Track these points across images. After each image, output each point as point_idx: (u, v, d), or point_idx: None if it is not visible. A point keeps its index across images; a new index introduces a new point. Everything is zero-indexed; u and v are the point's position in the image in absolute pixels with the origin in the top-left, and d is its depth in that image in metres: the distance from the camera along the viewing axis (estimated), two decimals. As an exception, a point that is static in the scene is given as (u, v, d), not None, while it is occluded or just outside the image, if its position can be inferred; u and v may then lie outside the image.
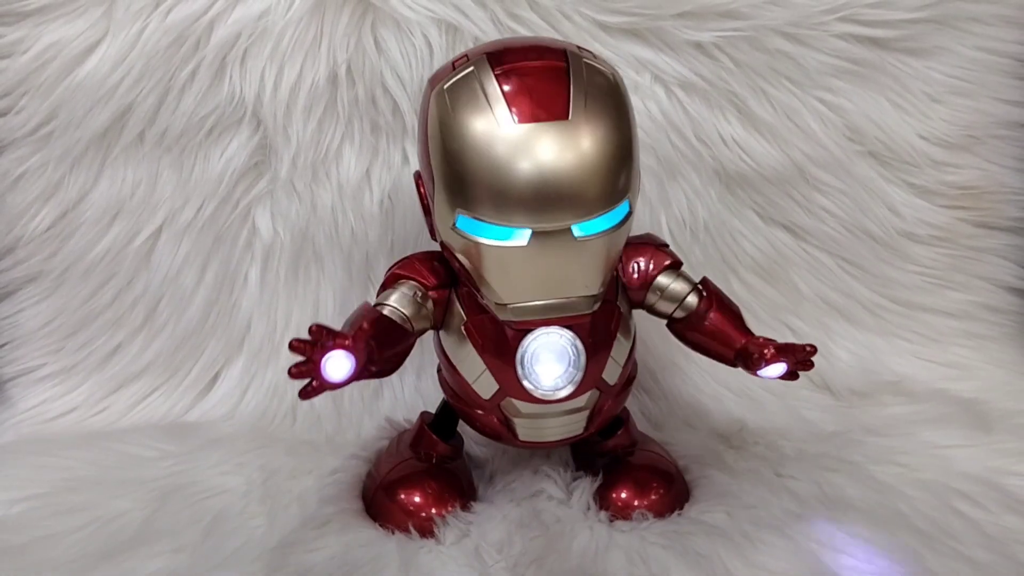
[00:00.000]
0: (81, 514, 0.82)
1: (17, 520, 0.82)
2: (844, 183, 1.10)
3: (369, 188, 1.04)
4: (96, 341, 1.06)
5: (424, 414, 0.90)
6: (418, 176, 0.77)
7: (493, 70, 0.69)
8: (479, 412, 0.81)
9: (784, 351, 0.76)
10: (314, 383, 0.64)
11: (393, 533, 0.80)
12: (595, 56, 0.73)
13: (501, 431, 0.81)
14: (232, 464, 0.92)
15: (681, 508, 0.84)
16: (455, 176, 0.69)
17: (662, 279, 0.81)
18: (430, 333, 0.82)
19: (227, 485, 0.88)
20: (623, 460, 0.87)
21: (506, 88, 0.68)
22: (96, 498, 0.85)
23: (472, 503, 0.84)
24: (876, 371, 1.10)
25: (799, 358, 0.76)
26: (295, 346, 0.63)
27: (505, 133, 0.67)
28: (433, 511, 0.81)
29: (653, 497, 0.83)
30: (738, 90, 1.06)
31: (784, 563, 0.74)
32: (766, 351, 0.76)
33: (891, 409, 1.03)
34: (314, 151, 1.02)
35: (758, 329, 0.81)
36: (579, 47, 0.73)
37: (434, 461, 0.86)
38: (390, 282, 0.79)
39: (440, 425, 0.88)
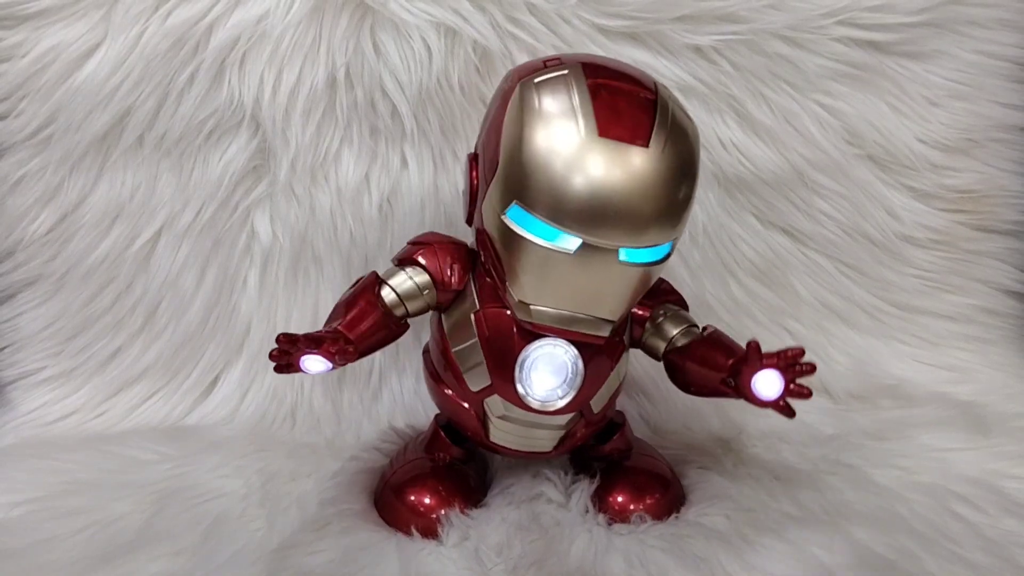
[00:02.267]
0: (81, 517, 0.82)
1: (17, 523, 0.82)
2: (843, 187, 1.10)
3: (368, 192, 1.04)
4: (96, 344, 1.06)
5: (438, 416, 0.90)
6: (472, 158, 0.77)
7: (587, 80, 0.70)
8: (458, 401, 0.81)
9: (778, 356, 0.70)
10: (291, 368, 0.71)
11: (408, 533, 0.81)
12: (678, 100, 0.73)
13: (474, 426, 0.82)
14: (231, 467, 0.92)
15: (678, 512, 0.84)
16: (523, 168, 0.69)
17: (659, 312, 0.81)
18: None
19: (226, 488, 0.88)
20: (619, 464, 0.87)
21: (596, 100, 0.69)
22: (96, 501, 0.85)
23: (479, 506, 0.84)
24: (875, 374, 1.10)
25: (791, 360, 0.69)
26: (281, 341, 0.69)
27: (584, 142, 0.67)
28: (442, 512, 0.81)
29: (649, 501, 0.84)
30: (737, 94, 1.06)
31: (783, 566, 0.74)
32: (767, 357, 0.69)
33: (890, 412, 1.03)
34: (313, 155, 1.02)
35: (757, 332, 0.81)
36: (665, 86, 0.73)
37: (446, 463, 0.87)
38: (404, 261, 0.81)
39: (454, 428, 0.88)
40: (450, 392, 0.82)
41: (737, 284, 1.10)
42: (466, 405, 0.81)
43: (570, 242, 0.69)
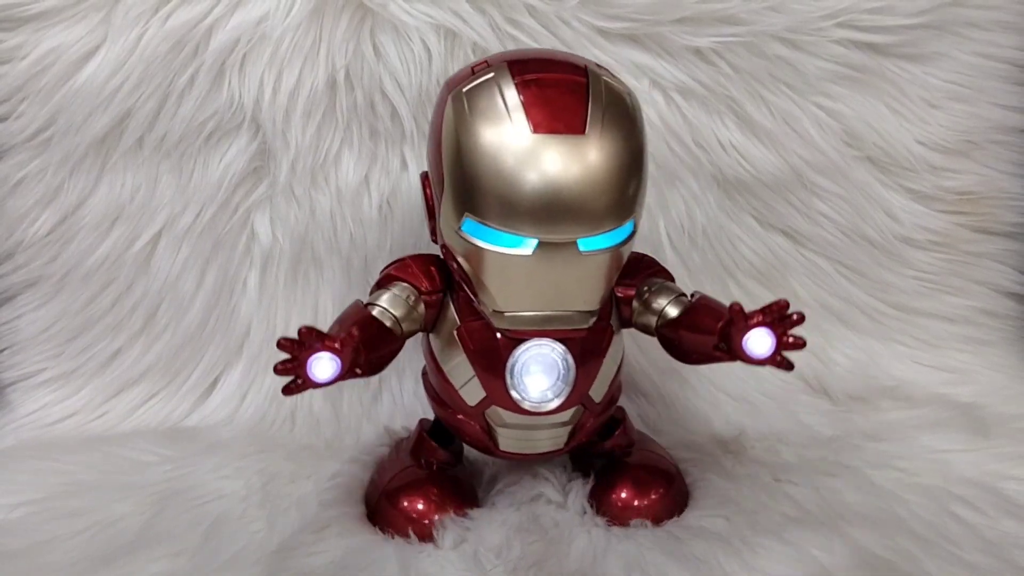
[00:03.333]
0: (81, 518, 0.83)
1: (17, 524, 0.82)
2: (842, 188, 1.10)
3: (368, 193, 1.04)
4: (96, 346, 1.06)
5: (423, 421, 0.90)
6: (425, 176, 0.77)
7: (514, 78, 0.69)
8: (462, 419, 0.81)
9: (764, 312, 0.68)
10: (298, 380, 0.66)
11: (393, 538, 0.80)
12: (613, 75, 0.73)
13: (483, 439, 0.81)
14: (231, 468, 0.92)
15: (681, 510, 0.84)
16: (466, 180, 0.69)
17: (645, 288, 0.80)
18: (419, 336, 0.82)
19: (226, 490, 0.88)
20: (621, 460, 0.87)
21: (525, 97, 0.68)
22: (96, 502, 0.85)
23: (473, 508, 0.84)
24: (874, 376, 1.10)
25: (776, 314, 0.68)
26: (283, 344, 0.64)
27: (520, 142, 0.67)
28: (436, 517, 0.81)
29: (653, 497, 0.83)
30: (736, 96, 1.06)
31: (782, 567, 0.74)
32: (753, 316, 0.67)
33: (889, 414, 1.03)
34: (313, 156, 1.02)
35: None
36: (598, 65, 0.73)
37: (435, 468, 0.86)
38: (384, 282, 0.79)
39: (439, 431, 0.87)
40: (452, 412, 0.81)
41: (736, 286, 1.10)
42: (470, 421, 0.80)
43: (527, 244, 0.69)
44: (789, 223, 1.11)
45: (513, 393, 0.75)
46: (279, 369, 0.65)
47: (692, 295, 0.79)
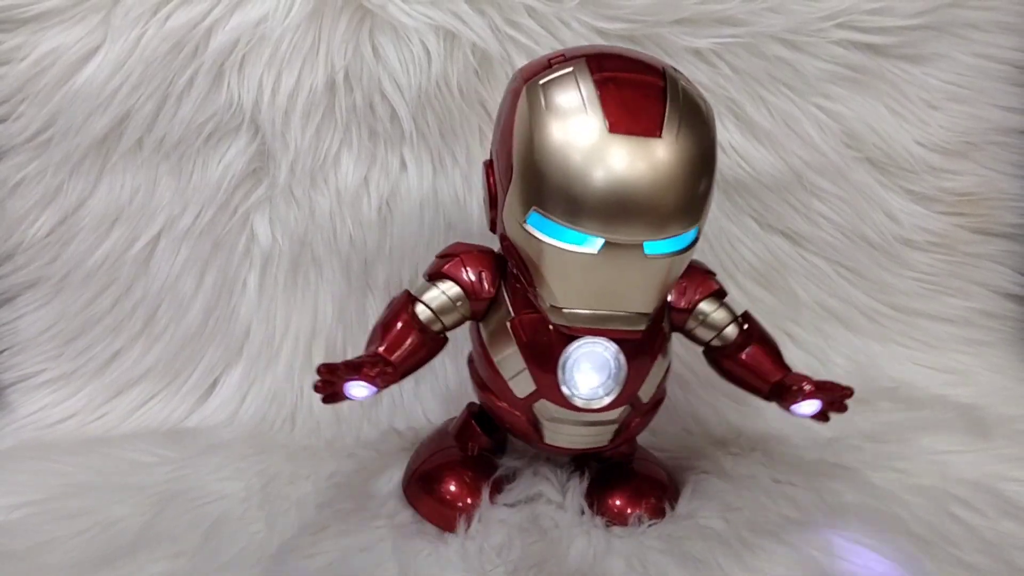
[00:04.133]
0: (81, 519, 0.82)
1: (17, 525, 0.82)
2: (842, 190, 1.10)
3: (367, 194, 1.04)
4: (95, 347, 1.06)
5: (471, 404, 0.90)
6: (488, 165, 0.77)
7: (592, 75, 0.69)
8: (509, 409, 0.81)
9: (821, 388, 0.76)
10: (336, 397, 0.71)
11: (434, 522, 0.83)
12: (689, 80, 0.73)
13: (527, 431, 0.81)
14: (231, 469, 0.92)
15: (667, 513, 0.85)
16: (536, 173, 0.68)
17: (704, 306, 0.81)
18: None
19: (226, 490, 0.88)
20: (621, 467, 0.87)
21: (604, 95, 0.67)
22: (95, 503, 0.85)
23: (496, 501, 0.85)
24: (874, 377, 1.10)
25: (835, 397, 0.76)
26: (322, 372, 0.68)
27: (595, 140, 0.66)
28: (468, 500, 0.82)
29: (646, 505, 0.84)
30: (736, 97, 1.06)
31: (782, 568, 0.74)
32: (805, 386, 0.76)
33: (889, 415, 1.03)
34: (312, 157, 1.02)
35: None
36: (675, 68, 0.73)
37: (476, 453, 0.87)
38: (434, 277, 0.79)
39: (485, 418, 0.87)
40: (499, 401, 0.81)
41: (736, 287, 1.10)
42: (517, 412, 0.80)
43: (593, 243, 0.68)
44: (789, 224, 1.11)
45: (564, 389, 0.75)
46: (319, 388, 0.69)
47: (744, 318, 0.82)
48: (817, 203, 1.10)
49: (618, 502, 0.84)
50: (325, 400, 0.71)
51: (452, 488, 0.83)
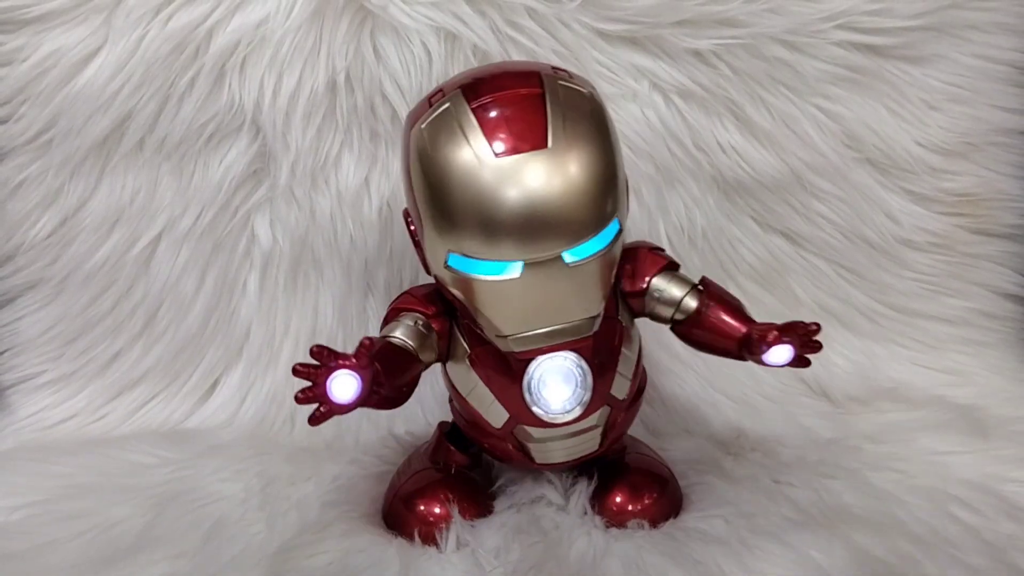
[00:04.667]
0: (81, 521, 0.83)
1: (17, 527, 0.83)
2: (842, 190, 1.10)
3: (368, 196, 1.04)
4: (96, 348, 1.07)
5: (442, 424, 0.90)
6: (407, 213, 0.77)
7: (469, 104, 0.69)
8: (493, 440, 0.80)
9: (787, 331, 0.73)
10: (322, 408, 0.65)
11: (412, 539, 0.81)
12: (571, 75, 0.72)
13: (517, 456, 0.81)
14: (231, 471, 0.92)
15: (676, 513, 0.85)
16: (441, 214, 0.69)
17: (657, 282, 0.80)
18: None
19: (226, 492, 0.88)
20: (616, 464, 0.87)
21: (483, 122, 0.67)
22: (96, 505, 0.85)
23: (489, 513, 0.84)
24: (874, 378, 1.10)
25: (803, 337, 0.74)
26: (299, 371, 0.64)
27: (487, 168, 0.66)
28: (452, 520, 0.81)
29: (647, 501, 0.84)
30: (736, 97, 1.06)
31: (781, 569, 0.74)
32: (769, 334, 0.73)
33: (889, 416, 1.03)
34: (313, 158, 1.02)
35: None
36: (554, 68, 0.73)
37: (453, 471, 0.86)
38: (391, 317, 0.79)
39: (458, 435, 0.87)
40: (483, 436, 0.81)
41: (736, 288, 1.10)
42: (502, 441, 0.80)
43: (513, 268, 0.68)
44: (789, 225, 1.11)
45: (535, 409, 0.75)
46: (300, 399, 0.64)
47: (703, 283, 0.80)
48: (817, 204, 1.10)
49: (618, 499, 0.84)
50: (313, 419, 0.66)
51: (436, 510, 0.82)
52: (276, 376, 1.06)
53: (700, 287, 0.80)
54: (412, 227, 0.76)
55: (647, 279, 0.80)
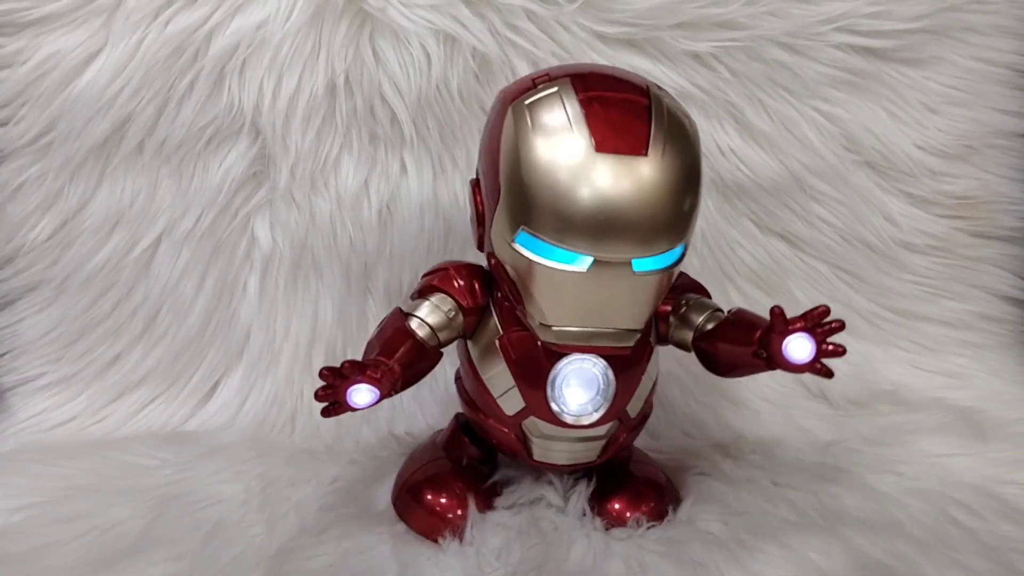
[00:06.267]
0: (81, 522, 0.83)
1: (17, 528, 0.83)
2: (841, 193, 1.10)
3: (367, 198, 1.04)
4: (96, 350, 1.07)
5: (459, 415, 0.90)
6: (475, 184, 0.77)
7: (577, 94, 0.69)
8: (497, 426, 0.81)
9: (804, 318, 0.67)
10: (337, 407, 0.69)
11: (423, 532, 0.82)
12: (673, 97, 0.73)
13: (516, 448, 0.81)
14: (231, 472, 0.92)
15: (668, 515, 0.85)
16: (524, 193, 0.68)
17: (680, 302, 0.79)
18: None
19: (226, 493, 0.88)
20: (619, 470, 0.87)
21: (589, 115, 0.68)
22: (96, 506, 0.85)
23: (492, 509, 0.84)
24: (873, 380, 1.10)
25: (821, 324, 0.67)
26: (325, 375, 0.67)
27: (583, 159, 0.67)
28: (459, 512, 0.82)
29: (645, 508, 0.84)
30: (735, 100, 1.06)
31: (780, 571, 0.74)
32: (794, 320, 0.67)
33: (888, 418, 1.03)
34: (313, 161, 1.03)
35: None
36: (659, 86, 0.73)
37: (465, 463, 0.87)
38: (425, 292, 0.79)
39: (473, 429, 0.87)
40: (488, 419, 0.81)
41: (736, 290, 1.11)
42: (505, 429, 0.80)
43: (582, 261, 0.68)
44: (788, 228, 1.11)
45: (553, 405, 0.75)
46: (319, 395, 0.68)
47: (729, 311, 0.78)
48: (816, 206, 1.10)
49: (617, 505, 0.84)
50: (326, 412, 0.70)
51: (443, 500, 0.83)
52: (276, 378, 1.06)
53: (722, 311, 0.79)
54: (479, 199, 0.76)
55: (673, 299, 0.79)
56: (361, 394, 0.69)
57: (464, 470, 0.86)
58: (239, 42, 0.99)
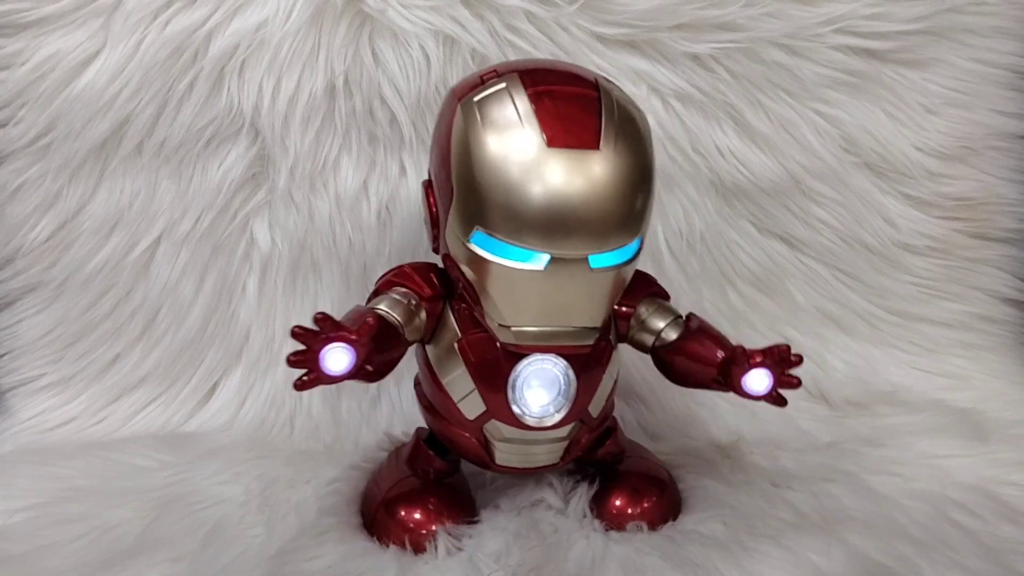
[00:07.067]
0: (80, 524, 0.83)
1: (16, 529, 0.82)
2: (840, 194, 1.10)
3: (367, 199, 1.04)
4: (95, 351, 1.06)
5: (420, 430, 0.89)
6: (427, 185, 0.76)
7: (526, 89, 0.69)
8: (458, 431, 0.80)
9: (766, 354, 0.72)
10: (311, 375, 0.64)
11: (388, 547, 0.80)
12: (621, 90, 0.73)
13: (479, 453, 0.80)
14: (230, 474, 0.92)
15: (675, 516, 0.85)
16: (477, 191, 0.68)
17: (643, 308, 0.80)
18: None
19: (225, 495, 0.88)
20: (614, 468, 0.87)
21: (540, 109, 0.68)
22: (95, 508, 0.85)
23: (472, 517, 0.83)
24: (872, 381, 1.10)
25: (780, 360, 0.72)
26: (297, 333, 0.63)
27: (534, 154, 0.66)
28: (434, 527, 0.81)
29: (646, 504, 0.84)
30: (735, 102, 1.06)
31: (780, 572, 0.74)
32: (755, 354, 0.71)
33: (887, 419, 1.03)
34: (312, 162, 1.03)
35: (755, 340, 0.81)
36: (607, 79, 0.73)
37: (432, 477, 0.86)
38: (383, 289, 0.78)
39: (437, 440, 0.86)
40: (449, 425, 0.80)
41: (735, 292, 1.11)
42: (467, 434, 0.79)
43: (538, 259, 0.68)
44: (787, 229, 1.11)
45: (514, 408, 0.75)
46: (292, 360, 0.64)
47: (687, 317, 0.80)
48: (815, 208, 1.10)
49: (618, 503, 0.84)
50: (300, 384, 0.64)
51: (417, 516, 0.82)
52: (275, 379, 1.05)
53: (683, 318, 0.80)
54: (432, 200, 0.75)
55: (636, 302, 0.80)
56: (337, 355, 0.64)
57: (434, 484, 0.85)
58: (238, 43, 0.99)
